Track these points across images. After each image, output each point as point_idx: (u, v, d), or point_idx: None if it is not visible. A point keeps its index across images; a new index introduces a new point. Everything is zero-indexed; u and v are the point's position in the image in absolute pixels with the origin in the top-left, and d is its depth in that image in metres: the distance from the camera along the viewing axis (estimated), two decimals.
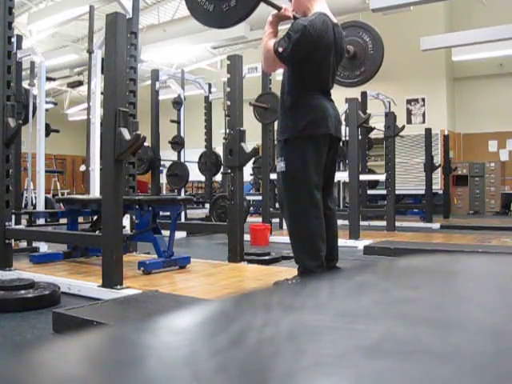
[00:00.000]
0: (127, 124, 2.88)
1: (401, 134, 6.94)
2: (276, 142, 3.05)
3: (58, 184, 11.17)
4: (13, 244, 3.75)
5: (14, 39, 3.77)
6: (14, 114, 3.58)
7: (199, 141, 8.53)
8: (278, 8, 2.85)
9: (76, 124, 13.88)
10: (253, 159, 6.90)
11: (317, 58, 2.78)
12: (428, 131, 8.11)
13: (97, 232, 3.61)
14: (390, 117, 6.79)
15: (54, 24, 8.04)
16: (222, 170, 8.15)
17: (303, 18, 2.76)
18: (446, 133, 10.00)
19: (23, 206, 5.68)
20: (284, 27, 2.94)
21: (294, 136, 2.77)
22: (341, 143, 3.24)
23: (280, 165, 2.83)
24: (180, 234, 5.96)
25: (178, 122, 7.52)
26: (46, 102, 5.67)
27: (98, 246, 3.30)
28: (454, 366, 0.32)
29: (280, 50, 2.69)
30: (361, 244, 5.01)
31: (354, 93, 6.65)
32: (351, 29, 4.00)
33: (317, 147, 2.78)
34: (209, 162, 8.33)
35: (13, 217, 3.83)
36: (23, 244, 4.72)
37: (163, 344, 0.40)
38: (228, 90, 4.13)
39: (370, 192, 8.67)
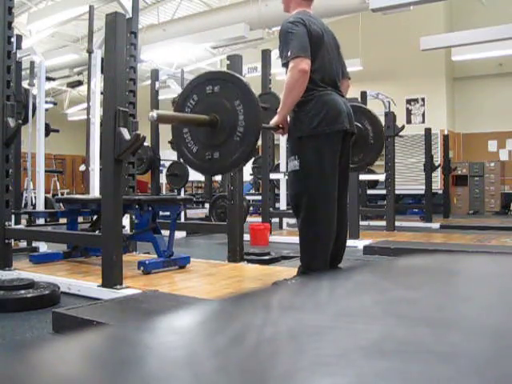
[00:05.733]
0: (127, 124, 2.87)
1: (400, 133, 6.93)
2: (287, 140, 2.99)
3: (57, 184, 11.17)
4: (12, 244, 3.75)
5: (13, 39, 3.76)
6: (13, 114, 3.57)
7: None
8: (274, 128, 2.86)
9: (76, 124, 13.87)
10: (252, 159, 6.92)
11: (315, 50, 2.71)
12: (428, 131, 8.11)
13: (96, 232, 3.61)
14: (390, 116, 6.78)
15: (54, 24, 8.04)
16: None
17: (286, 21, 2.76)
18: (446, 132, 10.01)
19: (23, 205, 5.68)
20: (276, 28, 2.94)
21: (308, 133, 2.69)
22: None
23: (294, 163, 2.73)
24: (180, 234, 5.96)
25: None
26: (46, 102, 5.67)
27: (97, 245, 3.30)
28: (454, 366, 0.32)
29: (289, 54, 2.62)
30: (361, 244, 5.01)
31: (354, 93, 6.63)
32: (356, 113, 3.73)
33: (332, 144, 2.72)
34: None
35: (12, 217, 3.82)
36: (23, 244, 4.72)
37: (163, 344, 0.40)
38: None
39: (369, 192, 8.67)
